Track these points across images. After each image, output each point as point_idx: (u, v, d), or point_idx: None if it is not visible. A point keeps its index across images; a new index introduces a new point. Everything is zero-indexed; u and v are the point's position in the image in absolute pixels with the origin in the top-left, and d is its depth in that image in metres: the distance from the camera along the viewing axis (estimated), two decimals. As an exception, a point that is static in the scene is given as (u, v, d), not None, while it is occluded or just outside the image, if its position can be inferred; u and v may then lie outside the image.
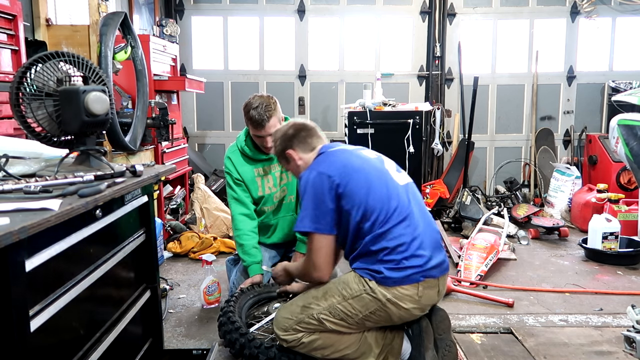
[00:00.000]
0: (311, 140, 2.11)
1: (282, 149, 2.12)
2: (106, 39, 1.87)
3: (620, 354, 2.28)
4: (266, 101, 2.54)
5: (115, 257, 1.57)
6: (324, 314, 1.90)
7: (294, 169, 2.14)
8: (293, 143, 2.09)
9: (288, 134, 2.10)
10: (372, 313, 1.88)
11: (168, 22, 4.37)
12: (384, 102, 3.90)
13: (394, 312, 1.87)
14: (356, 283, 1.89)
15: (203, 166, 5.20)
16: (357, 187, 1.89)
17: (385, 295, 1.84)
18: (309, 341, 1.93)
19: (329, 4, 5.55)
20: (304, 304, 1.96)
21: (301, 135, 2.10)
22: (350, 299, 1.88)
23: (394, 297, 1.84)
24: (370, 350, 1.97)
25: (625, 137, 3.48)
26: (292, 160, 2.10)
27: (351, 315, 1.89)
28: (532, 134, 5.63)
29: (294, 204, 2.80)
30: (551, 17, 5.61)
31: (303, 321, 1.93)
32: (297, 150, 2.09)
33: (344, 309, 1.89)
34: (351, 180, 1.90)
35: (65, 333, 1.31)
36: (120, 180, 1.49)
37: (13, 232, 0.96)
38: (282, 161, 2.19)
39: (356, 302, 1.88)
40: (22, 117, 1.54)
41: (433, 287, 1.91)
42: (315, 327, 1.92)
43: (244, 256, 2.66)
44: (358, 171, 1.93)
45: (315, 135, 2.13)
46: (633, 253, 3.59)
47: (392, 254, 1.85)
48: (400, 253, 1.84)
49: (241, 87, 5.59)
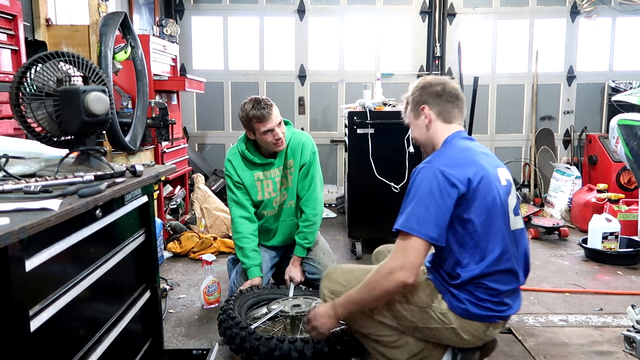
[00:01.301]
0: (453, 111, 1.82)
1: (420, 100, 1.83)
2: (106, 39, 1.87)
3: (620, 354, 2.28)
4: (259, 98, 2.56)
5: (115, 257, 1.57)
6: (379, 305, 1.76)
7: (417, 127, 1.86)
8: (435, 101, 1.80)
9: (435, 89, 1.81)
10: (427, 328, 1.74)
11: (168, 22, 4.37)
12: (384, 102, 3.90)
13: (450, 337, 1.73)
14: (427, 294, 1.73)
15: (203, 166, 5.20)
16: (480, 215, 1.66)
17: (452, 322, 1.70)
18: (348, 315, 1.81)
19: (329, 4, 5.55)
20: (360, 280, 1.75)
21: (448, 99, 1.81)
22: (414, 306, 1.74)
23: (459, 328, 1.70)
24: (407, 346, 1.82)
25: (625, 137, 3.47)
26: (422, 116, 1.82)
27: (406, 319, 1.75)
28: (532, 134, 5.63)
29: (294, 208, 2.79)
30: (551, 17, 5.61)
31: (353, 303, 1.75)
32: (434, 111, 1.80)
33: (402, 310, 1.74)
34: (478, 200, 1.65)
35: (65, 333, 1.31)
36: (120, 180, 1.49)
37: (13, 232, 0.96)
38: (409, 112, 1.87)
39: (418, 312, 1.73)
40: (22, 117, 1.54)
41: (499, 327, 1.77)
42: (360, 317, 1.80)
43: (244, 259, 2.66)
44: (486, 194, 1.67)
45: (459, 107, 1.84)
46: (633, 253, 3.59)
47: (479, 290, 1.67)
48: (489, 295, 1.67)
49: (241, 87, 5.59)
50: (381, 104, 3.87)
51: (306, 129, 5.50)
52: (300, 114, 5.65)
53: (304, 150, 2.72)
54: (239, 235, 2.69)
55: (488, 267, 1.67)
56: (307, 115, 5.67)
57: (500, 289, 1.68)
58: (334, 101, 5.62)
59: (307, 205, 2.73)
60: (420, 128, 1.84)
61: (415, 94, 1.85)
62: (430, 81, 1.85)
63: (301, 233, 2.72)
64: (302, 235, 2.72)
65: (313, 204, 2.73)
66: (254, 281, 2.60)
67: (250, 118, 2.53)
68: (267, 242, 2.83)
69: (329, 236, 4.26)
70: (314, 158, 2.75)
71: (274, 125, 2.54)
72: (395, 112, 3.78)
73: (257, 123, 2.54)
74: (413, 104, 1.86)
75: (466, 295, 1.68)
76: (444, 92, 1.81)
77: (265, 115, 2.51)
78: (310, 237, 2.72)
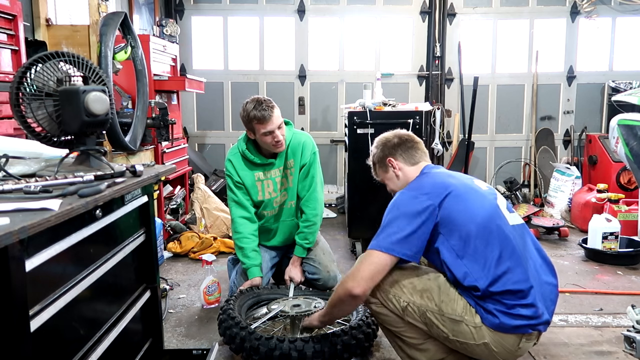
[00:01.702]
0: (416, 153, 1.98)
1: (383, 155, 2.00)
2: (106, 39, 1.87)
3: (620, 354, 2.28)
4: (262, 99, 2.55)
5: (115, 257, 1.57)
6: (411, 307, 1.76)
7: (390, 180, 2.01)
8: (396, 152, 1.97)
9: (392, 141, 1.99)
10: (458, 341, 1.74)
11: (168, 22, 4.37)
12: (384, 102, 3.90)
13: (481, 352, 1.73)
14: (461, 307, 1.73)
15: (203, 166, 5.20)
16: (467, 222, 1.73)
17: (484, 337, 1.70)
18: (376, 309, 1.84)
19: (329, 4, 5.55)
20: (397, 279, 1.79)
21: (406, 145, 1.98)
22: (446, 317, 1.73)
23: (491, 342, 1.70)
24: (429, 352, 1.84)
25: (625, 137, 3.47)
26: (390, 169, 1.98)
27: (437, 328, 1.75)
28: (532, 134, 5.63)
29: (294, 209, 2.79)
30: (551, 17, 5.61)
31: (385, 291, 1.79)
32: (399, 160, 1.97)
33: (434, 319, 1.74)
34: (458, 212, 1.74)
35: (65, 333, 1.31)
36: (120, 180, 1.49)
37: (13, 232, 0.96)
38: (378, 170, 2.05)
39: (450, 323, 1.73)
40: (22, 117, 1.53)
41: (531, 340, 1.75)
42: (392, 308, 1.79)
43: (244, 259, 2.66)
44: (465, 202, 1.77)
45: (420, 150, 2.00)
46: (633, 253, 3.59)
47: (505, 297, 1.68)
48: (515, 299, 1.68)
49: (241, 87, 5.59)
50: (381, 104, 3.87)
51: (306, 129, 5.50)
52: (300, 114, 5.65)
53: (304, 151, 2.72)
54: (239, 236, 2.69)
55: (495, 268, 1.68)
56: (307, 115, 5.67)
57: (523, 288, 1.68)
58: (334, 101, 5.62)
59: (307, 205, 2.73)
60: (393, 179, 1.99)
61: (378, 153, 2.02)
62: (386, 136, 2.03)
63: (301, 233, 2.72)
64: (302, 235, 2.72)
65: (313, 204, 2.73)
66: (254, 281, 2.61)
67: (251, 118, 2.53)
68: (267, 242, 2.84)
69: (329, 236, 4.26)
70: (314, 158, 2.75)
71: (274, 128, 2.54)
72: (395, 112, 3.78)
73: (258, 124, 2.54)
74: (379, 163, 2.03)
75: (494, 305, 1.68)
76: (401, 141, 1.99)
77: (266, 117, 2.50)
78: (310, 238, 2.72)
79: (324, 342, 1.99)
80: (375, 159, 2.05)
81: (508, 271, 1.69)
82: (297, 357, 1.96)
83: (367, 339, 2.12)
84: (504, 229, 1.76)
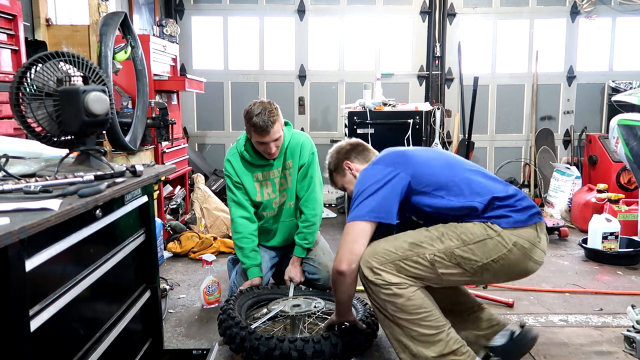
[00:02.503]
0: (368, 154, 2.19)
1: (338, 162, 2.17)
2: (106, 39, 1.87)
3: (620, 354, 2.28)
4: (268, 107, 2.51)
5: (115, 257, 1.57)
6: (439, 256, 1.78)
7: (349, 182, 2.16)
8: (351, 155, 2.16)
9: (345, 148, 2.18)
10: (494, 261, 1.79)
11: (168, 22, 4.37)
12: (384, 102, 3.90)
13: (519, 257, 1.81)
14: (477, 228, 1.81)
15: (203, 166, 5.20)
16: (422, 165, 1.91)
17: (511, 238, 1.79)
18: (399, 293, 1.76)
19: (329, 4, 5.55)
20: (413, 241, 1.82)
21: (358, 149, 2.18)
22: (472, 244, 1.79)
23: (519, 240, 1.80)
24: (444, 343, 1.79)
25: (625, 137, 3.47)
26: (347, 172, 2.15)
27: (471, 261, 1.79)
28: (532, 134, 5.63)
29: (293, 209, 2.79)
30: (551, 17, 5.61)
31: (410, 259, 1.78)
32: (355, 162, 2.15)
33: (464, 254, 1.78)
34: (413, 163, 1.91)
35: (65, 333, 1.31)
36: (120, 180, 1.49)
37: (13, 232, 0.96)
38: (336, 177, 2.20)
39: (478, 248, 1.78)
40: (22, 117, 1.53)
41: (544, 232, 1.90)
42: (423, 269, 1.78)
43: (244, 259, 2.67)
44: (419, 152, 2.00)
45: (371, 150, 2.21)
46: (633, 253, 3.59)
47: (506, 200, 1.85)
48: (514, 199, 1.86)
49: (241, 87, 5.59)
50: (381, 104, 3.88)
51: (306, 129, 5.51)
52: (300, 114, 5.65)
53: (302, 151, 2.72)
54: (239, 236, 2.69)
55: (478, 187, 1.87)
56: (307, 115, 5.67)
57: (511, 192, 1.87)
58: (334, 101, 5.62)
59: (306, 205, 2.73)
60: (351, 180, 2.14)
61: (333, 162, 2.19)
62: (340, 145, 2.22)
63: (301, 234, 2.72)
64: (301, 235, 2.72)
65: (312, 204, 2.73)
66: (253, 281, 2.61)
67: (251, 124, 2.52)
68: (267, 242, 2.84)
69: (329, 236, 4.25)
70: (312, 159, 2.75)
71: (270, 141, 2.54)
72: (395, 112, 3.78)
73: (255, 132, 2.54)
74: (336, 169, 2.18)
75: (501, 210, 1.83)
76: (352, 146, 2.19)
77: (264, 129, 2.49)
78: (309, 238, 2.72)
79: (324, 342, 1.99)
80: (332, 167, 2.20)
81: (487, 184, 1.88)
82: (297, 357, 1.96)
83: (367, 339, 2.12)
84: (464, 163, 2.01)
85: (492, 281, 1.95)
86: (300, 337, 2.04)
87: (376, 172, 1.89)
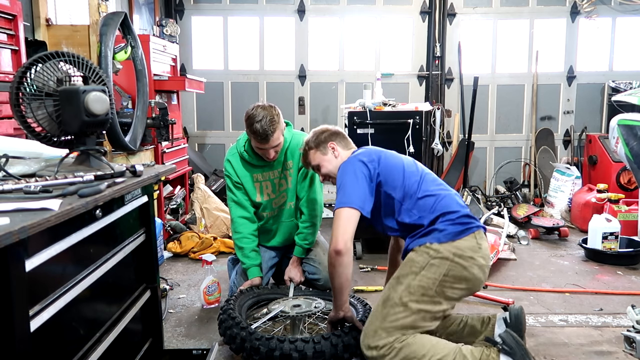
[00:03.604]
0: (348, 142, 2.35)
1: (324, 140, 2.27)
2: (106, 39, 1.87)
3: (620, 354, 2.28)
4: (270, 114, 2.48)
5: (115, 257, 1.57)
6: (404, 295, 1.93)
7: (328, 162, 2.27)
8: (335, 138, 2.29)
9: (329, 131, 2.31)
10: (447, 275, 1.92)
11: (168, 22, 4.37)
12: (384, 102, 3.90)
13: (466, 266, 1.93)
14: (420, 255, 1.96)
15: (203, 166, 5.20)
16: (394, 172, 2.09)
17: (450, 250, 1.92)
18: (401, 346, 1.88)
19: (329, 4, 5.55)
20: (383, 300, 1.98)
21: (340, 135, 2.33)
22: (422, 271, 1.93)
23: (458, 250, 1.93)
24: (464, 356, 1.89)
25: (625, 137, 3.47)
26: (330, 151, 2.27)
27: (429, 286, 1.92)
28: (532, 134, 5.63)
29: (293, 209, 2.79)
30: (551, 17, 5.61)
31: (389, 315, 1.93)
32: (338, 145, 2.29)
33: (420, 283, 1.93)
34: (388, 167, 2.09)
35: (65, 333, 1.31)
36: (120, 180, 1.49)
37: (13, 232, 0.96)
38: (315, 154, 2.29)
39: (427, 271, 1.93)
40: (22, 117, 1.53)
41: (484, 240, 2.03)
42: (402, 315, 1.91)
43: (244, 259, 2.67)
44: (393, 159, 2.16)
45: (350, 140, 2.37)
46: (633, 253, 3.59)
47: (445, 216, 1.99)
48: (453, 214, 1.99)
49: (241, 87, 5.59)
50: (381, 104, 3.87)
51: (306, 129, 5.50)
52: (300, 114, 5.65)
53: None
54: (239, 236, 2.69)
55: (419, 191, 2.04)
56: (307, 115, 5.67)
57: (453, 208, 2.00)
58: (334, 101, 5.62)
59: (306, 206, 2.73)
60: (331, 160, 2.27)
61: (316, 139, 2.29)
62: (322, 128, 2.35)
63: (301, 234, 2.72)
64: (301, 236, 2.72)
65: (312, 205, 2.73)
66: (253, 281, 2.61)
67: (251, 130, 2.50)
68: (267, 242, 2.83)
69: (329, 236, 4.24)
70: (313, 159, 2.75)
71: (269, 147, 2.54)
72: (395, 112, 3.78)
73: (254, 139, 2.54)
74: (318, 146, 2.29)
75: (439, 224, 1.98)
76: (335, 132, 2.33)
77: (264, 137, 2.48)
78: (309, 238, 2.72)
79: (325, 342, 1.99)
80: (312, 144, 2.30)
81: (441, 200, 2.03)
82: (298, 358, 1.96)
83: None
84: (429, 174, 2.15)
85: (460, 297, 2.01)
86: (301, 337, 2.04)
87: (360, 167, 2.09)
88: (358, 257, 3.71)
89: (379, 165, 2.09)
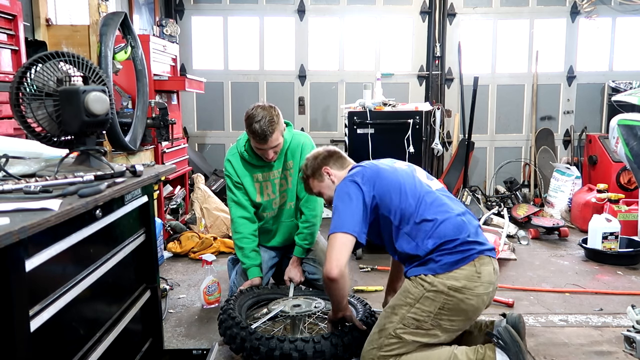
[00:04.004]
0: (344, 161, 2.26)
1: (318, 166, 2.21)
2: (106, 39, 1.87)
3: (620, 354, 2.28)
4: (269, 114, 2.48)
5: (115, 257, 1.57)
6: (399, 328, 1.91)
7: (327, 188, 2.20)
8: (329, 162, 2.22)
9: (323, 154, 2.23)
10: (442, 309, 1.87)
11: (168, 22, 4.37)
12: (384, 102, 3.90)
13: (462, 299, 1.87)
14: (415, 286, 1.92)
15: (203, 166, 5.20)
16: (391, 193, 1.99)
17: (444, 283, 1.86)
18: None
19: (329, 4, 5.55)
20: (379, 328, 1.97)
21: (335, 156, 2.24)
22: (417, 304, 1.90)
23: (454, 282, 1.86)
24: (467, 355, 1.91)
25: (625, 137, 3.47)
26: (326, 177, 2.20)
27: (424, 319, 1.89)
28: (532, 134, 5.63)
29: (293, 210, 2.79)
30: (551, 17, 5.61)
31: (384, 344, 1.92)
32: (333, 168, 2.21)
33: (415, 315, 1.90)
34: (383, 188, 2.00)
35: (65, 333, 1.31)
36: (120, 180, 1.49)
37: (13, 232, 0.96)
38: (313, 182, 2.23)
39: (422, 304, 1.89)
40: (22, 117, 1.53)
41: (488, 264, 1.92)
42: (397, 345, 1.91)
43: (244, 259, 2.66)
44: (390, 179, 2.03)
45: (346, 158, 2.29)
46: (633, 253, 3.59)
47: (442, 246, 1.90)
48: (450, 243, 1.90)
49: (241, 87, 5.59)
50: (381, 104, 3.87)
51: (306, 129, 5.50)
52: (300, 114, 5.65)
53: (303, 152, 2.71)
54: (239, 236, 2.69)
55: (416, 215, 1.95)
56: (307, 115, 5.67)
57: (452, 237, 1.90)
58: (334, 101, 5.62)
59: (306, 206, 2.73)
60: (330, 186, 2.19)
61: (311, 167, 2.22)
62: (317, 151, 2.27)
63: (301, 234, 2.72)
64: (301, 236, 2.71)
65: (312, 205, 2.72)
66: (253, 281, 2.61)
67: (250, 130, 2.51)
68: (267, 242, 2.83)
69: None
70: (313, 159, 2.75)
71: (267, 148, 2.54)
72: (395, 112, 3.78)
73: (253, 139, 2.54)
74: (314, 174, 2.22)
75: (435, 254, 1.90)
76: (330, 153, 2.24)
77: (263, 138, 2.49)
78: (309, 238, 2.72)
79: (325, 342, 1.99)
80: (309, 172, 2.23)
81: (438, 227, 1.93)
82: (298, 357, 1.96)
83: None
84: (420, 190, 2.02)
85: (460, 328, 1.97)
86: (301, 337, 2.04)
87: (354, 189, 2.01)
88: (358, 257, 3.71)
89: (374, 188, 2.00)
